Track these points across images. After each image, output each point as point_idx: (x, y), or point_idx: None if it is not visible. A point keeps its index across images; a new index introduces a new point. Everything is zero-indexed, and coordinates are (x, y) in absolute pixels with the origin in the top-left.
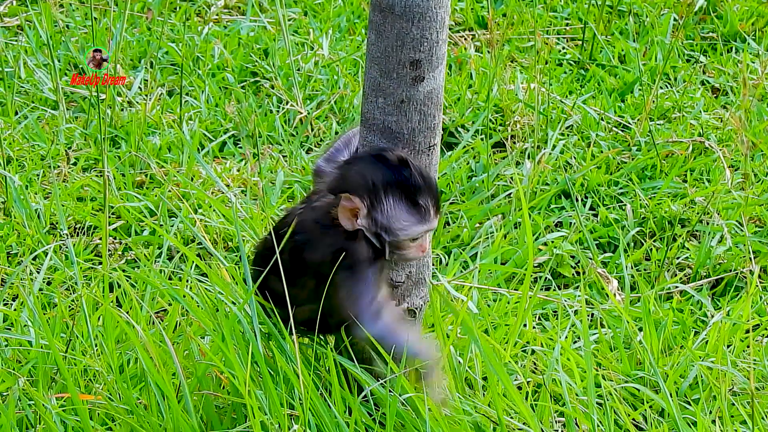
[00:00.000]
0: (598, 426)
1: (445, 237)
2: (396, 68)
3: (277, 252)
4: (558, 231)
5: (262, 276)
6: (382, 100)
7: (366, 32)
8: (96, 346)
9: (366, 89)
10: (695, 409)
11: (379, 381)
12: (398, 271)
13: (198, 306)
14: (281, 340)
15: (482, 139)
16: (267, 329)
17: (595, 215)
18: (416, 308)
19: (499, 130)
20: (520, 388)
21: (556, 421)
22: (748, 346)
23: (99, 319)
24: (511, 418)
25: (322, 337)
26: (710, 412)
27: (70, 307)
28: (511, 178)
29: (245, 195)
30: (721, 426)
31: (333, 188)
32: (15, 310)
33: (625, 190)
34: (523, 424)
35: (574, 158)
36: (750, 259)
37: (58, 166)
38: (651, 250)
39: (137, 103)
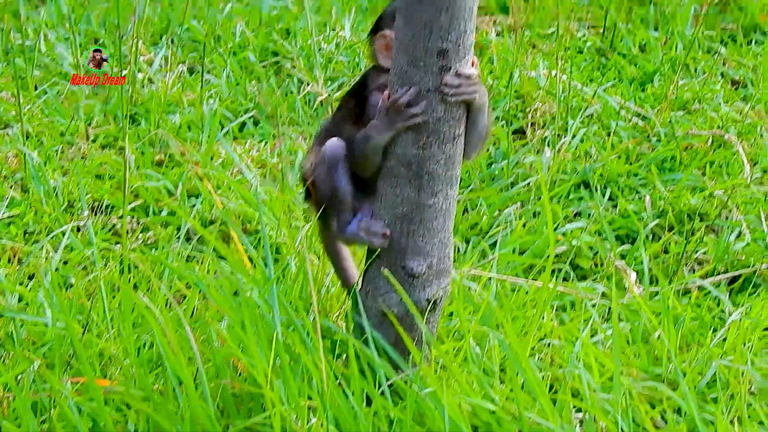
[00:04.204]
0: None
1: (463, 225)
2: (423, 57)
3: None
4: (577, 221)
5: None
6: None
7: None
8: (112, 328)
9: (392, 77)
10: (714, 408)
11: (399, 374)
12: (419, 262)
13: (217, 290)
14: (301, 328)
15: (502, 126)
16: (287, 317)
17: (614, 206)
18: (438, 299)
19: (519, 117)
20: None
21: (573, 417)
22: (766, 345)
23: (114, 298)
24: (528, 411)
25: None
26: (729, 412)
27: (85, 288)
28: (531, 165)
29: (264, 177)
30: (739, 426)
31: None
32: (31, 290)
33: (645, 181)
34: (543, 419)
35: (594, 148)
36: None
37: (77, 143)
38: (669, 243)
39: (157, 80)
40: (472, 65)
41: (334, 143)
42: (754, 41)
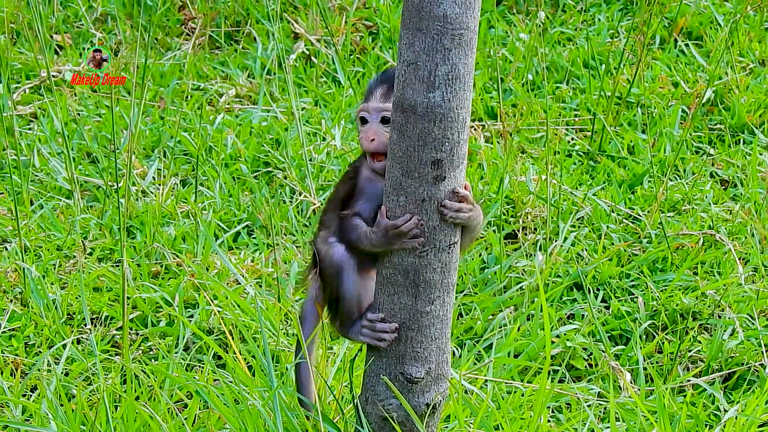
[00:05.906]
0: None
1: (458, 329)
2: (418, 168)
3: None
4: (570, 323)
5: None
6: (403, 198)
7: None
8: None
9: (388, 188)
10: None
11: None
12: (418, 367)
13: (217, 398)
14: None
15: (494, 231)
16: (289, 424)
17: (607, 307)
18: (437, 403)
19: (510, 222)
20: None
21: None
22: None
23: (116, 408)
24: None
25: None
26: None
27: (88, 398)
28: (524, 269)
29: (260, 286)
30: None
31: None
32: (34, 401)
33: (637, 282)
34: None
35: (586, 250)
36: (762, 352)
37: (74, 256)
38: (663, 343)
39: (151, 192)
40: (465, 189)
41: (341, 253)
42: (742, 141)
